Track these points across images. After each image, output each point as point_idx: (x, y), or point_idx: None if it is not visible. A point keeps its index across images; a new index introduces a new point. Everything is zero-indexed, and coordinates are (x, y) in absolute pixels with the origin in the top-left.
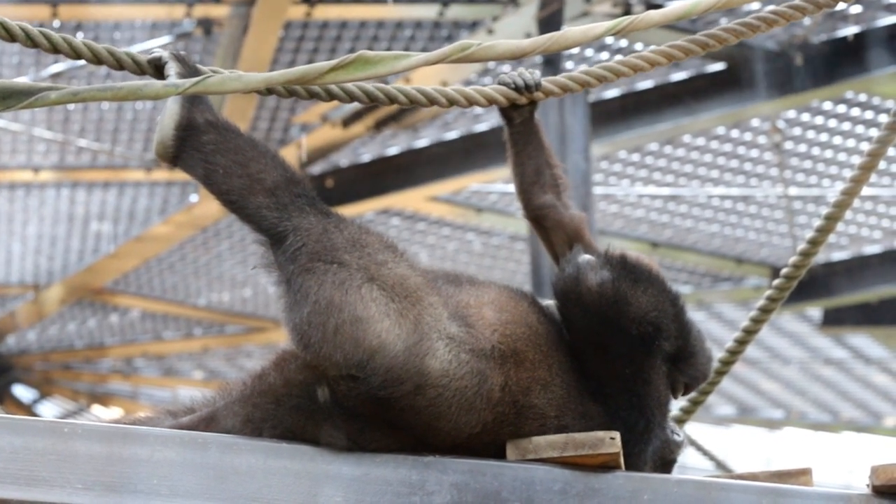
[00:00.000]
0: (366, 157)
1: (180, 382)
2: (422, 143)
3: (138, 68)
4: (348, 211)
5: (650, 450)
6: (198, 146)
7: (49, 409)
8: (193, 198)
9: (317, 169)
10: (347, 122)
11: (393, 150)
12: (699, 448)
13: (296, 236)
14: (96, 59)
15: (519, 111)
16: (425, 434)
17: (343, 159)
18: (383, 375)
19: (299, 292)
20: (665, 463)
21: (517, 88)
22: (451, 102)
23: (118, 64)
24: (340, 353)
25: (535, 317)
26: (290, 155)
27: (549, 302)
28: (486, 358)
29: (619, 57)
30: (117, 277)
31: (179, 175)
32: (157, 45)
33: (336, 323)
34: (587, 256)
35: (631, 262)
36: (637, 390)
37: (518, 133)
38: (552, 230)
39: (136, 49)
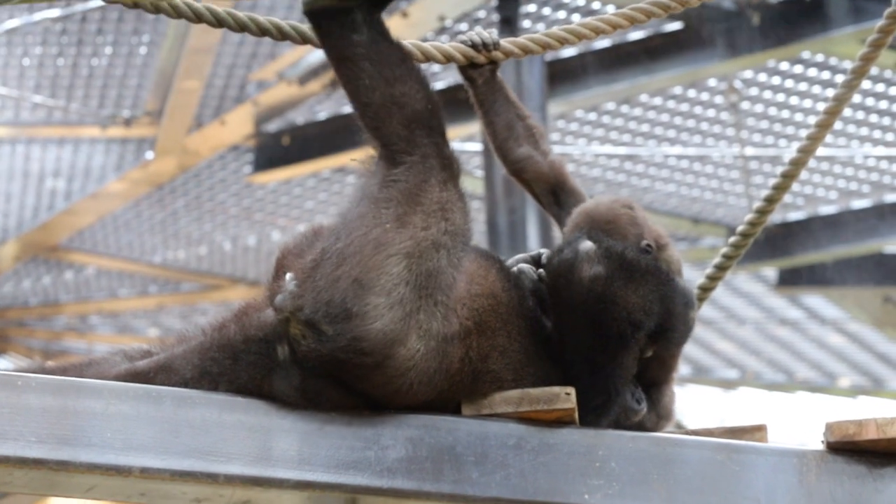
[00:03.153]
0: (322, 114)
1: (135, 340)
2: None
3: None
4: (305, 169)
5: (605, 422)
6: (348, 44)
7: (3, 366)
8: (149, 155)
9: (272, 127)
10: (303, 79)
11: (349, 108)
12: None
13: (406, 172)
14: None
15: (479, 71)
16: (380, 400)
17: (299, 117)
18: (349, 340)
19: (353, 223)
20: (621, 428)
21: (475, 46)
22: None
23: None
24: (326, 296)
25: (501, 284)
26: (246, 113)
27: (521, 266)
28: (452, 339)
29: (576, 16)
30: (72, 234)
31: (135, 132)
32: None
33: (344, 272)
34: (589, 244)
35: (630, 259)
36: (604, 372)
37: (482, 93)
38: (533, 182)
39: None
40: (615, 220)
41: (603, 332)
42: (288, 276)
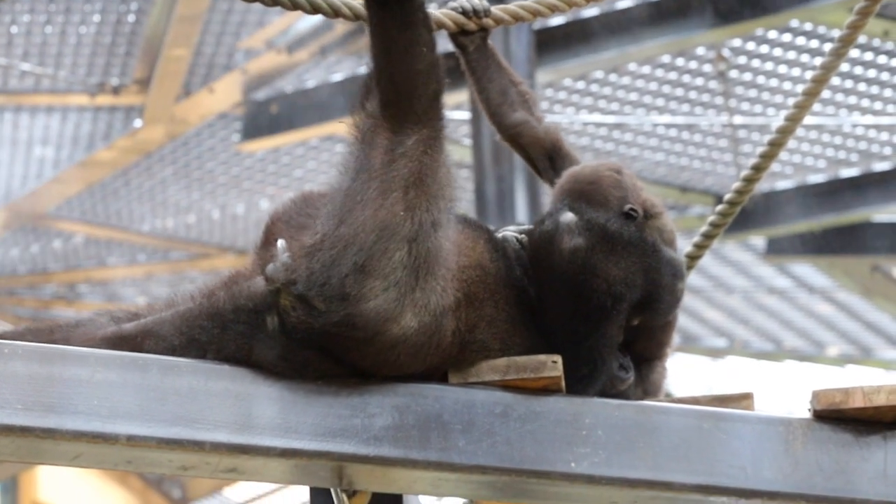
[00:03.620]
0: (311, 82)
1: (126, 308)
2: (366, 69)
3: None
4: (293, 137)
5: (592, 392)
6: (411, 10)
7: None
8: (137, 123)
9: (261, 95)
10: (292, 47)
11: (337, 77)
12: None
13: (416, 147)
14: None
15: (470, 38)
16: (368, 370)
17: (288, 85)
18: (342, 317)
19: (359, 206)
20: (609, 397)
21: (465, 13)
22: None
23: None
24: (323, 277)
25: (488, 255)
26: (235, 81)
27: (505, 234)
28: (447, 312)
29: None
30: (60, 203)
31: (123, 100)
32: None
33: (347, 256)
34: (570, 216)
35: (612, 231)
36: (588, 342)
37: (474, 60)
38: (530, 146)
39: None
40: (598, 181)
41: (584, 303)
42: (280, 244)
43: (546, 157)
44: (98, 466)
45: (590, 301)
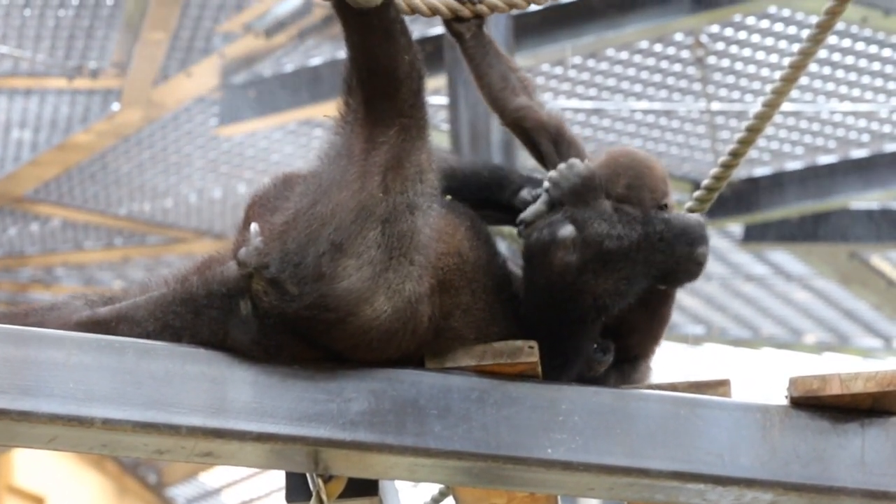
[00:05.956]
0: (289, 67)
1: (101, 292)
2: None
3: None
4: (271, 122)
5: (566, 380)
6: (387, 19)
7: None
8: (115, 106)
9: (239, 79)
10: (270, 31)
11: (316, 61)
12: None
13: (397, 136)
14: None
15: (466, 25)
16: (342, 354)
17: (266, 69)
18: (315, 298)
19: (335, 187)
20: (587, 381)
21: None
22: None
23: None
24: (297, 258)
25: (468, 243)
26: (213, 65)
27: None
28: (422, 299)
29: None
30: (38, 186)
31: (101, 83)
32: None
33: (323, 235)
34: (569, 229)
35: (609, 248)
36: (564, 342)
37: (472, 47)
38: (534, 130)
39: None
40: (654, 168)
41: (565, 314)
42: (253, 228)
43: (550, 141)
44: (73, 450)
45: (572, 313)
